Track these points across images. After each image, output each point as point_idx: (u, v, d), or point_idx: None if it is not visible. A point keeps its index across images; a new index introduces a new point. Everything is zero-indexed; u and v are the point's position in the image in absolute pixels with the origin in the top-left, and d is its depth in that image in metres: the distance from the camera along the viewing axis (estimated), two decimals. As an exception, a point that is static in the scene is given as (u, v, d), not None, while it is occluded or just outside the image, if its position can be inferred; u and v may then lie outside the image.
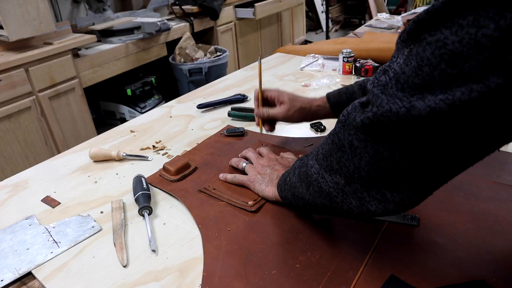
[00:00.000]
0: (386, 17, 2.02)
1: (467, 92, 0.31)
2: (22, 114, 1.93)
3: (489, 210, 0.61)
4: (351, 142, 0.42)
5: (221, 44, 3.13)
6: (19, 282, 0.57)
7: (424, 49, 0.34)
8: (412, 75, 0.34)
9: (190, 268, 0.55)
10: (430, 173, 0.38)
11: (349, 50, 1.25)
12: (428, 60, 0.33)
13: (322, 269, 0.53)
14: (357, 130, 0.41)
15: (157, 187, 0.74)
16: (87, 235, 0.63)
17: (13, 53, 1.91)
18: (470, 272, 0.51)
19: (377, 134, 0.39)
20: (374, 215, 0.45)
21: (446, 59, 0.32)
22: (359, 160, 0.42)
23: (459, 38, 0.30)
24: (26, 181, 0.81)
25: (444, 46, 0.32)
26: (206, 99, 1.15)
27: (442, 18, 0.32)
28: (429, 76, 0.33)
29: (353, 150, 0.42)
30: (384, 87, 0.38)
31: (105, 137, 0.97)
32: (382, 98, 0.37)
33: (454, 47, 0.31)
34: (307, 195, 0.54)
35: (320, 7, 5.14)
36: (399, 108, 0.35)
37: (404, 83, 0.35)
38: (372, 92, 0.39)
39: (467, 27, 0.30)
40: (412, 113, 0.34)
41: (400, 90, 0.36)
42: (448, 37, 0.31)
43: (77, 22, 2.46)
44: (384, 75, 0.39)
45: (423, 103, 0.33)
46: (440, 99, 0.32)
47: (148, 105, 2.67)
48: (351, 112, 0.43)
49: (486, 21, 0.29)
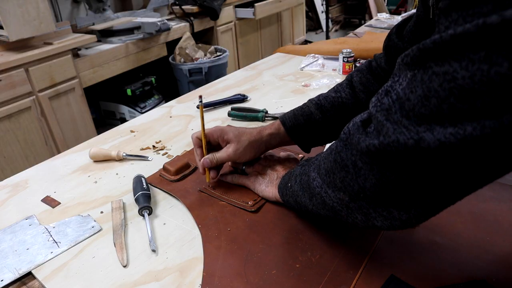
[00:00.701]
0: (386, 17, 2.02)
1: (479, 128, 0.30)
2: (22, 114, 1.93)
3: (489, 210, 0.61)
4: (354, 163, 0.41)
5: (221, 44, 3.13)
6: (19, 282, 0.57)
7: (430, 79, 0.33)
8: (419, 104, 0.34)
9: (190, 268, 0.55)
10: (438, 196, 0.37)
11: (349, 50, 1.25)
12: (436, 92, 0.32)
13: (322, 269, 0.53)
14: (362, 154, 0.40)
15: (157, 187, 0.74)
16: (87, 235, 0.63)
17: (13, 53, 1.91)
18: (470, 272, 0.51)
19: (384, 161, 0.38)
20: (380, 229, 0.45)
21: (456, 93, 0.31)
22: (363, 180, 0.41)
23: (470, 73, 0.29)
24: (26, 181, 0.81)
25: (453, 80, 0.31)
26: (206, 99, 1.15)
27: (451, 51, 0.31)
28: (437, 108, 0.32)
29: (357, 171, 0.41)
30: (388, 112, 0.37)
31: (105, 137, 0.97)
32: (388, 127, 0.36)
33: (465, 82, 0.30)
34: (310, 205, 0.53)
35: (320, 7, 5.14)
36: (407, 140, 0.34)
37: (409, 111, 0.35)
38: (376, 117, 0.38)
39: (478, 62, 0.29)
40: (420, 146, 0.33)
41: (406, 117, 0.35)
42: (457, 71, 0.30)
43: (77, 22, 2.46)
44: (386, 96, 0.38)
45: (432, 136, 0.33)
46: (450, 133, 0.31)
47: (148, 105, 2.67)
48: (353, 132, 0.42)
49: (499, 58, 0.28)
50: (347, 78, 0.72)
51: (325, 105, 0.69)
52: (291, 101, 1.10)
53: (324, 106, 0.68)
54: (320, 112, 0.68)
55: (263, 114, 0.99)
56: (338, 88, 0.71)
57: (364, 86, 0.68)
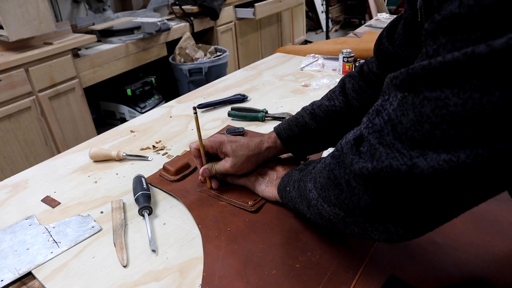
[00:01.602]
0: (386, 17, 2.01)
1: (472, 155, 0.30)
2: (22, 114, 1.93)
3: (489, 210, 0.61)
4: (348, 182, 0.41)
5: (221, 44, 3.13)
6: (19, 282, 0.57)
7: (422, 103, 0.32)
8: (411, 128, 0.33)
9: (190, 268, 0.55)
10: (434, 215, 0.37)
11: (349, 50, 1.25)
12: (429, 118, 0.32)
13: (322, 269, 0.53)
14: (356, 175, 0.39)
15: (157, 187, 0.74)
16: (87, 235, 0.63)
17: (13, 53, 1.91)
18: (470, 272, 0.51)
19: (377, 184, 0.37)
20: (378, 241, 0.45)
21: (449, 120, 0.30)
22: (358, 199, 0.40)
23: (461, 101, 0.29)
24: (26, 181, 0.81)
25: (445, 107, 0.30)
26: (206, 99, 1.15)
27: (441, 78, 0.30)
28: (430, 134, 0.32)
29: (351, 190, 0.41)
30: (380, 134, 0.37)
31: (105, 137, 0.97)
32: (381, 151, 0.36)
33: (457, 109, 0.29)
34: (308, 213, 0.54)
35: (320, 7, 5.14)
36: (400, 166, 0.34)
37: (402, 134, 0.34)
38: (368, 140, 0.38)
39: (470, 90, 0.28)
40: (414, 172, 0.33)
41: (398, 140, 0.35)
42: (449, 98, 0.30)
43: (77, 22, 2.46)
44: (378, 116, 0.38)
45: (425, 162, 0.32)
46: (443, 159, 0.31)
47: (148, 105, 2.67)
48: (346, 151, 0.41)
49: (490, 87, 0.27)
50: (339, 84, 0.71)
51: (319, 114, 0.69)
52: (291, 101, 1.10)
53: (318, 116, 0.69)
54: (315, 122, 0.68)
55: (263, 114, 0.99)
56: (332, 95, 0.71)
57: (357, 93, 0.68)
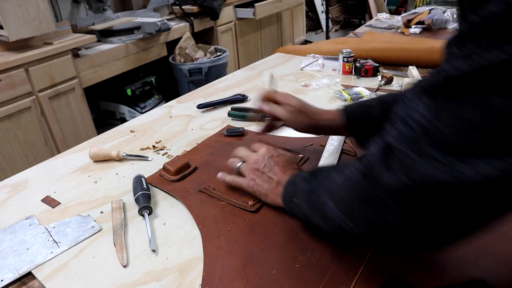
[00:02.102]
0: (386, 17, 2.01)
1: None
2: (22, 114, 1.93)
3: (489, 210, 0.61)
4: (382, 199, 0.38)
5: (221, 44, 3.13)
6: (19, 282, 0.57)
7: (467, 110, 0.31)
8: (453, 136, 0.32)
9: (190, 268, 0.55)
10: (471, 229, 0.37)
11: (349, 50, 1.25)
12: (476, 124, 0.30)
13: (322, 269, 0.53)
14: (391, 194, 0.37)
15: (157, 187, 0.74)
16: (87, 235, 0.63)
17: (13, 53, 1.91)
18: (470, 272, 0.51)
19: (414, 197, 0.35)
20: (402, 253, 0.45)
21: (502, 126, 0.29)
22: (392, 217, 0.38)
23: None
24: (26, 181, 0.81)
25: (496, 112, 0.29)
26: (206, 99, 1.15)
27: (487, 82, 0.29)
28: (478, 141, 0.31)
29: (380, 205, 0.38)
30: (413, 144, 0.34)
31: (105, 137, 0.97)
32: (417, 161, 0.34)
33: (511, 113, 0.29)
34: (325, 227, 0.51)
35: (320, 7, 5.14)
36: (446, 176, 0.32)
37: (441, 142, 0.33)
38: (398, 149, 0.36)
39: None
40: (462, 182, 0.31)
41: (437, 150, 0.33)
42: (500, 102, 0.29)
43: (77, 22, 2.46)
44: (404, 125, 0.35)
45: (472, 171, 0.31)
46: (495, 167, 0.30)
47: (148, 105, 2.67)
48: (374, 164, 0.39)
49: None
50: None
51: (386, 100, 0.68)
52: (291, 101, 1.10)
53: (385, 101, 0.68)
54: (382, 109, 0.67)
55: (263, 114, 0.99)
56: None
57: None
